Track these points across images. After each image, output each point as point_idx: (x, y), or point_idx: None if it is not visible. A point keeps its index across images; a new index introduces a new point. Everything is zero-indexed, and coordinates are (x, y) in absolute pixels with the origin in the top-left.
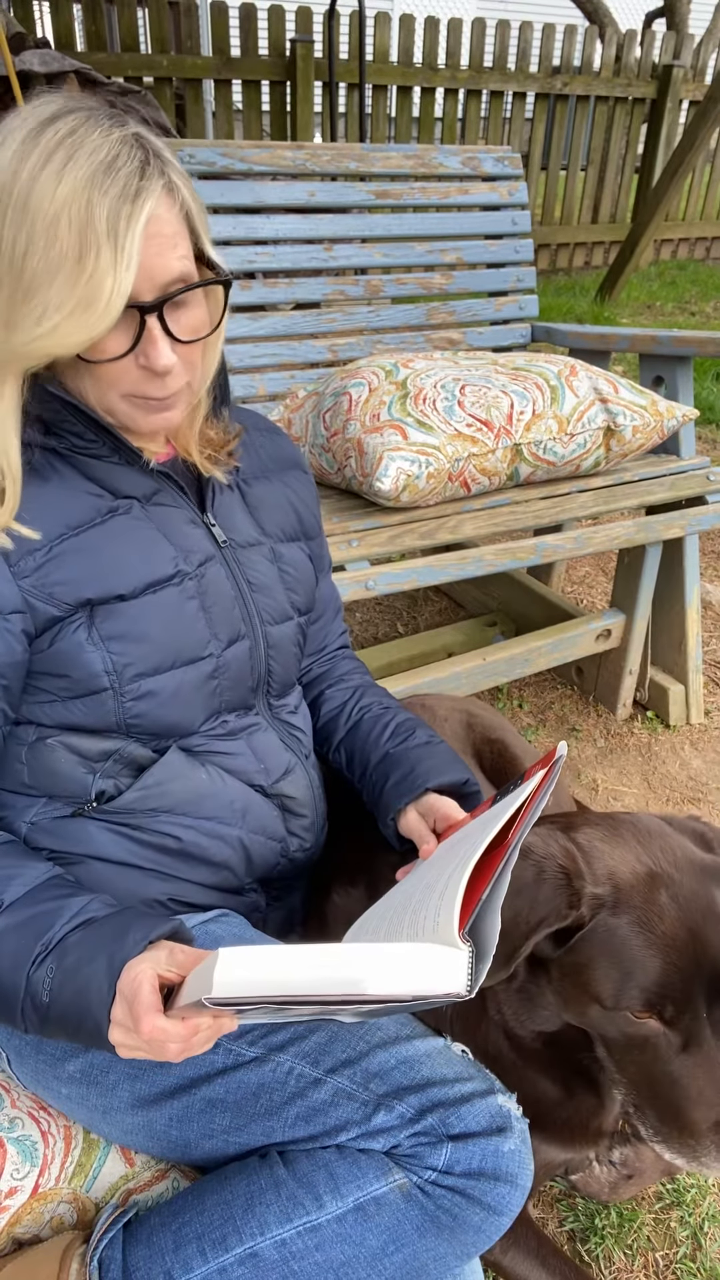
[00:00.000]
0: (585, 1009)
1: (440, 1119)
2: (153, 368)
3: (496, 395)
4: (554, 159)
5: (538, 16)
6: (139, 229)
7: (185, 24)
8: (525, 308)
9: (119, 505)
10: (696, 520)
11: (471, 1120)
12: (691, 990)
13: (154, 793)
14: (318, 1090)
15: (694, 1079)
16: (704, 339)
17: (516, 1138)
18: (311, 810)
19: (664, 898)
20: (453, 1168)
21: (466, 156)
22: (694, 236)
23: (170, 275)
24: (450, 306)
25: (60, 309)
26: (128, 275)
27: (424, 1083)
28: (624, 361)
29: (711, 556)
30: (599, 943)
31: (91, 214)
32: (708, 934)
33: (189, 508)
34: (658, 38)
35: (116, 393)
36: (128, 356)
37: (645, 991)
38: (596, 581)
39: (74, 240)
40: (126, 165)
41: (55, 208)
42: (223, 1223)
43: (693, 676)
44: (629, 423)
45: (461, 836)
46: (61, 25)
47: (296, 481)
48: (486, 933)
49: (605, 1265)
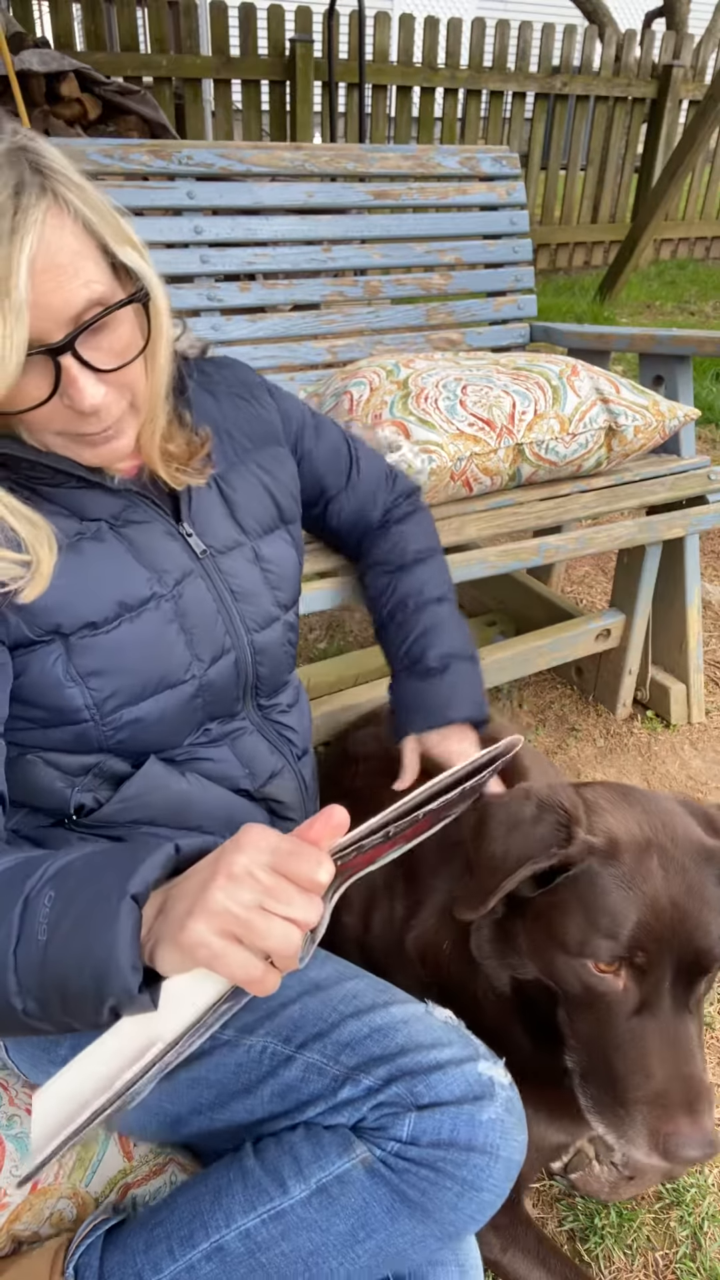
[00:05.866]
0: (551, 956)
1: (408, 1088)
2: (78, 409)
3: (498, 395)
4: (554, 159)
5: (537, 16)
6: (24, 272)
7: (184, 24)
8: (524, 308)
9: (85, 529)
10: (698, 520)
11: (443, 1089)
12: (659, 958)
13: (133, 804)
14: (289, 1067)
15: (639, 1045)
16: (703, 338)
17: (499, 1106)
18: (301, 813)
19: (654, 864)
20: (418, 1138)
21: (464, 156)
22: (694, 236)
23: (75, 307)
24: (449, 307)
25: None
26: (20, 325)
27: (396, 1051)
28: (623, 361)
29: (711, 556)
30: (579, 888)
31: None
32: (688, 910)
33: (163, 520)
34: (657, 37)
35: (51, 432)
36: (51, 400)
37: (613, 943)
38: (596, 581)
39: None
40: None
41: None
42: (191, 1219)
43: (694, 676)
44: (631, 423)
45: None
46: (61, 25)
47: (271, 460)
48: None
49: (605, 1265)
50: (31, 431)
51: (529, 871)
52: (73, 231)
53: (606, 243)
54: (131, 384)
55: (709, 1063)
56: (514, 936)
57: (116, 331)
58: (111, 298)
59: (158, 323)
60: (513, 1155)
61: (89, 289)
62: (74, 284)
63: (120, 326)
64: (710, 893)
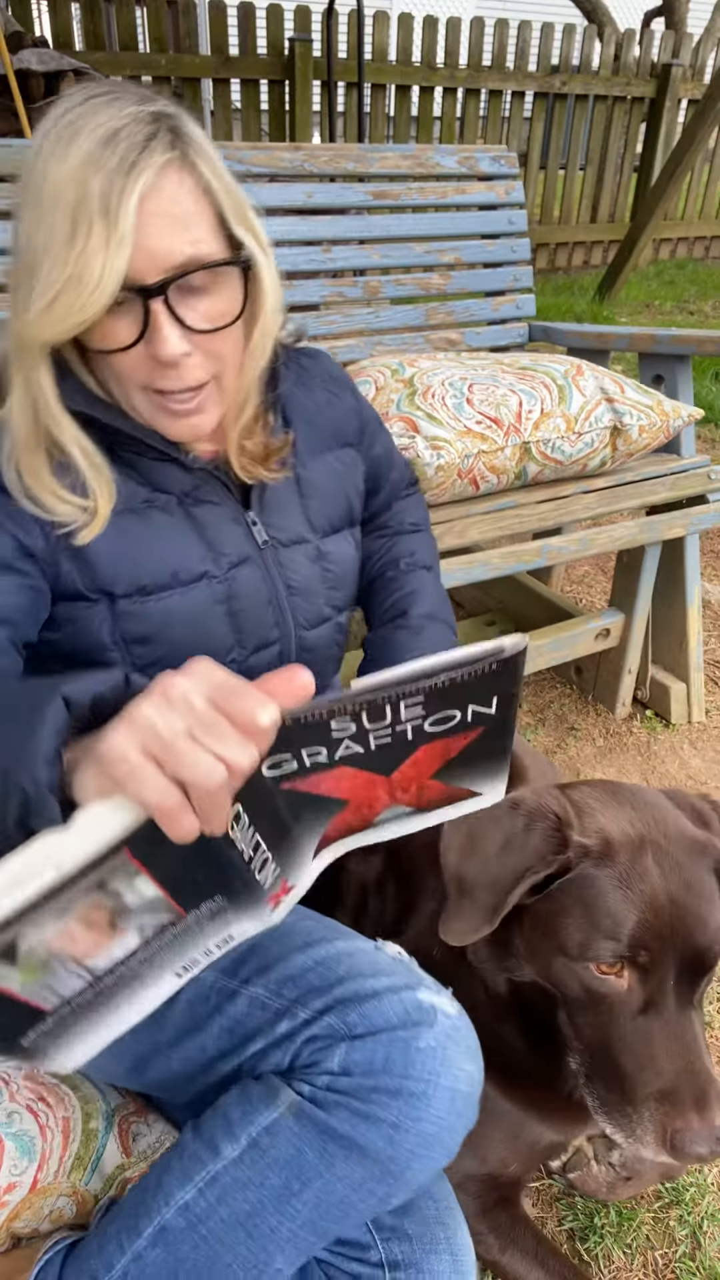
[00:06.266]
0: (549, 960)
1: (340, 1017)
2: (158, 356)
3: (505, 393)
4: (553, 158)
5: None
6: (132, 204)
7: (183, 23)
8: (523, 307)
9: (155, 499)
10: (698, 519)
11: (378, 1017)
12: (662, 955)
13: None
14: (234, 1001)
15: (646, 1043)
16: (703, 338)
17: (438, 1033)
18: None
19: (649, 861)
20: (350, 1069)
21: (463, 156)
22: (693, 236)
23: (176, 258)
24: (449, 307)
25: (53, 287)
26: (120, 255)
27: (334, 982)
28: (623, 361)
29: (711, 556)
30: (576, 892)
31: (86, 190)
32: (687, 905)
33: (232, 504)
34: (656, 37)
35: (134, 387)
36: (137, 346)
37: (614, 944)
38: (595, 581)
39: (68, 217)
40: (128, 139)
41: (56, 187)
42: (136, 1207)
43: (694, 675)
44: (635, 422)
45: None
46: (60, 24)
47: (349, 460)
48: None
49: (604, 1264)
50: (120, 384)
51: (528, 884)
52: (192, 193)
53: (606, 242)
54: (221, 355)
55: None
56: (510, 942)
57: (214, 297)
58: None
59: (259, 305)
60: (456, 1085)
61: (195, 247)
62: (181, 237)
63: (219, 294)
64: (706, 886)
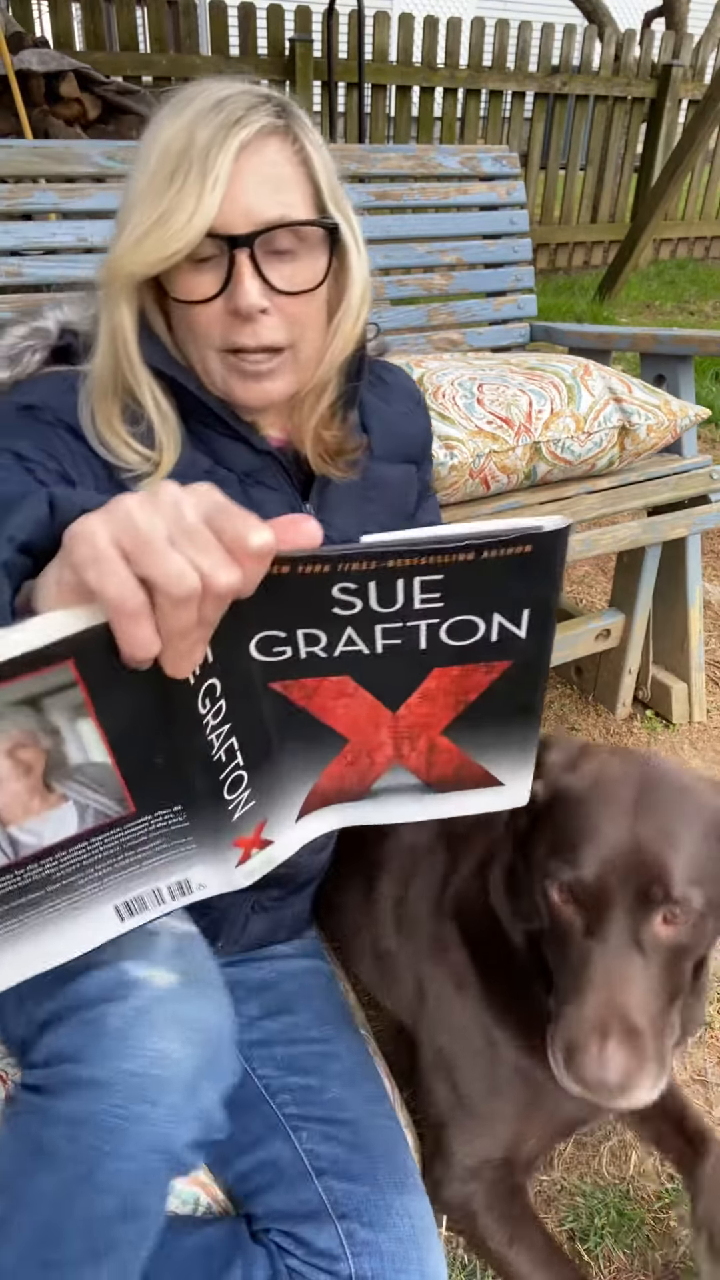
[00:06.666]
0: (533, 886)
1: (37, 1003)
2: (237, 306)
3: (514, 393)
4: (553, 158)
5: (537, 16)
6: (231, 153)
7: (184, 23)
8: (524, 307)
9: (217, 471)
10: (701, 519)
11: (74, 995)
12: (607, 888)
13: None
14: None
15: (580, 969)
16: (705, 338)
17: (134, 1003)
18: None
19: (627, 802)
20: (37, 1061)
21: (465, 156)
22: (693, 236)
23: (267, 215)
24: (450, 307)
25: (145, 223)
26: (213, 196)
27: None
28: (623, 361)
29: (711, 556)
30: (552, 817)
31: (192, 139)
32: (649, 848)
33: (290, 493)
34: (657, 37)
35: (211, 348)
36: (218, 300)
37: (567, 868)
38: (596, 581)
39: (171, 162)
40: (237, 102)
41: (165, 140)
42: None
43: (695, 675)
44: (644, 422)
45: None
46: (60, 24)
47: (409, 480)
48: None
49: (605, 1265)
50: (197, 344)
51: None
52: (290, 161)
53: (606, 242)
54: (301, 322)
55: (709, 1060)
56: (520, 883)
57: (298, 263)
58: (307, 230)
59: (345, 286)
60: (160, 1046)
61: (286, 209)
62: (273, 198)
63: (304, 260)
64: (681, 839)
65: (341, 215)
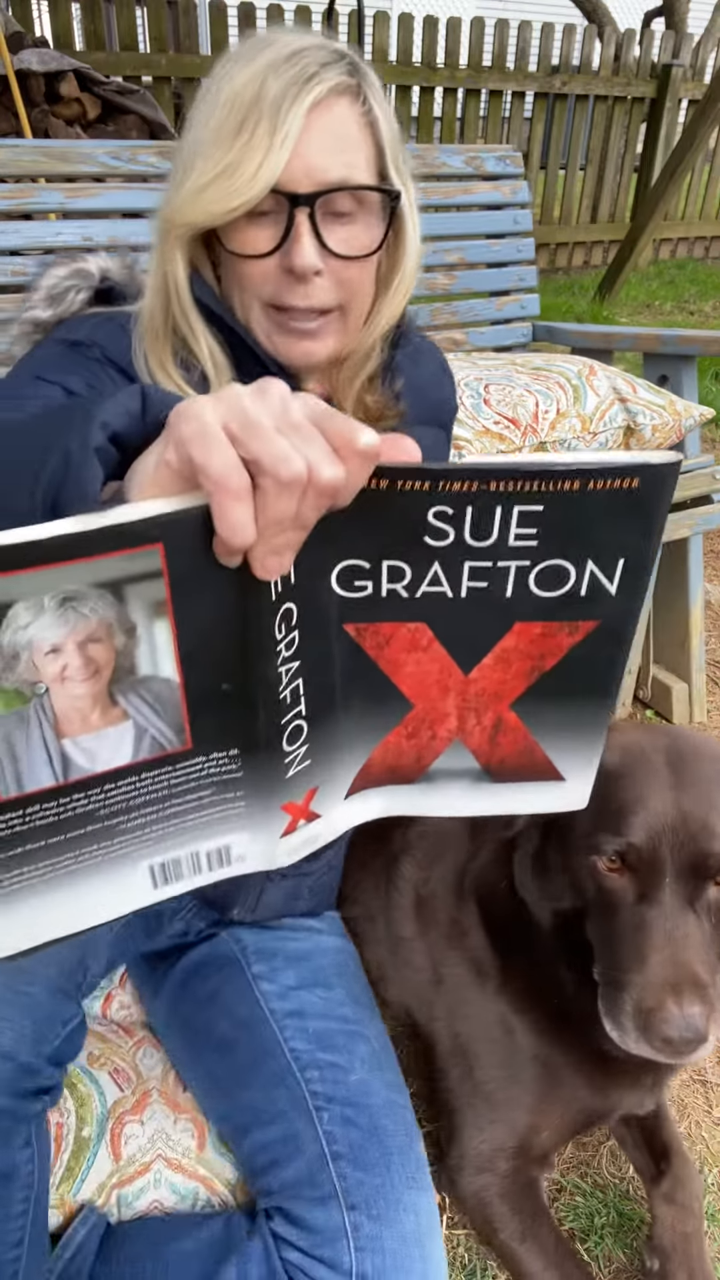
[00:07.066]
0: (571, 862)
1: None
2: (292, 265)
3: (521, 394)
4: (553, 158)
5: (537, 16)
6: (303, 109)
7: (183, 23)
8: (527, 307)
9: None
10: (703, 520)
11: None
12: (659, 855)
13: None
14: None
15: (637, 933)
16: (709, 338)
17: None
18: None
19: (664, 771)
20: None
21: (469, 156)
22: (693, 236)
23: (331, 175)
24: (453, 307)
25: (210, 172)
26: (281, 153)
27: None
28: (624, 360)
29: (712, 556)
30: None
31: (263, 91)
32: (693, 812)
33: None
34: (657, 37)
35: (259, 300)
36: (273, 256)
37: (615, 838)
38: None
39: (240, 112)
40: (311, 57)
41: (235, 86)
42: None
43: (696, 675)
44: (649, 422)
45: None
46: (60, 24)
47: (438, 444)
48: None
49: (605, 1265)
50: (244, 296)
51: None
52: (358, 121)
53: (606, 242)
54: (352, 286)
55: (709, 1060)
56: (549, 863)
57: (356, 227)
58: (368, 194)
59: (399, 254)
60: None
61: (350, 170)
62: (339, 158)
63: (361, 224)
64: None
65: (402, 180)
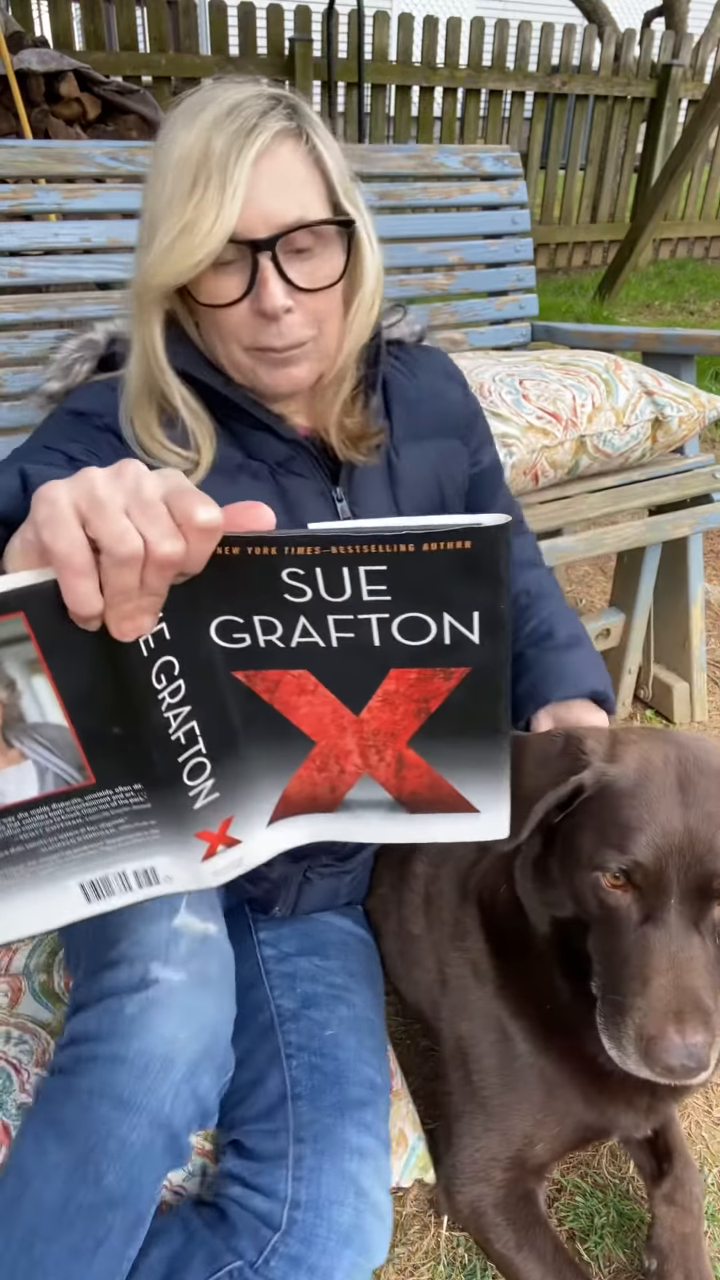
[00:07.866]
0: (573, 877)
1: (72, 995)
2: (263, 307)
3: (557, 388)
4: (553, 158)
5: (536, 16)
6: (248, 162)
7: (183, 23)
8: (525, 307)
9: (249, 465)
10: (704, 519)
11: (105, 985)
12: (665, 874)
13: None
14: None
15: (641, 954)
16: (710, 337)
17: (150, 994)
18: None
19: (672, 787)
20: (63, 1043)
21: (467, 156)
22: (693, 236)
23: (285, 218)
24: (452, 307)
25: (169, 233)
26: (233, 205)
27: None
28: None
29: (712, 555)
30: (594, 808)
31: (209, 149)
32: (700, 832)
33: (320, 479)
34: (656, 37)
35: (238, 345)
36: (244, 301)
37: (619, 855)
38: (595, 581)
39: (190, 172)
40: (250, 108)
41: (182, 149)
42: None
43: (697, 675)
44: (675, 414)
45: None
46: (60, 24)
47: (449, 451)
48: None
49: (604, 1265)
50: (224, 343)
51: (553, 799)
52: (304, 161)
53: (606, 242)
54: (321, 316)
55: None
56: (550, 872)
57: (317, 260)
58: (324, 227)
59: (359, 277)
60: (173, 1033)
61: (304, 209)
62: (290, 200)
63: (322, 256)
64: None
65: (355, 209)
